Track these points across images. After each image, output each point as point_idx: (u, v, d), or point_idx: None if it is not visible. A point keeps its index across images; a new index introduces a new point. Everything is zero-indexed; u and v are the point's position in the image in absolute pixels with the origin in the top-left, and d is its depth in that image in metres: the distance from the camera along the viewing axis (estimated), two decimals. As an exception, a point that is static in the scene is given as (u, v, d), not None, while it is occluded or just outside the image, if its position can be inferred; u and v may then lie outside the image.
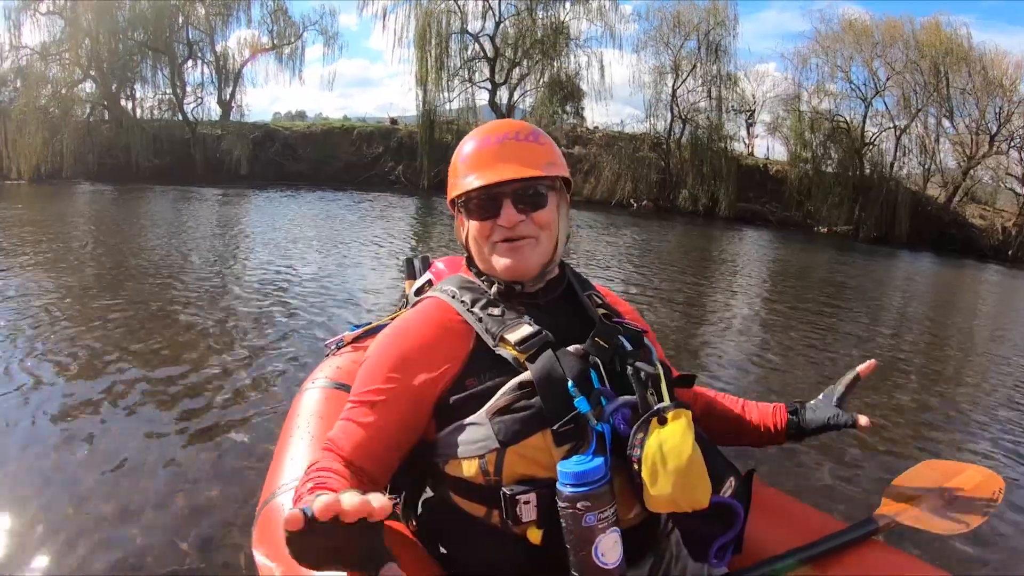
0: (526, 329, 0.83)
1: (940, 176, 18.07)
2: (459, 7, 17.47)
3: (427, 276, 1.46)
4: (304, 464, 1.05)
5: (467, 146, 0.91)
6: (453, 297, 0.91)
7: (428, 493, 0.89)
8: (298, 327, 3.89)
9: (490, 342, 0.84)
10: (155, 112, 18.31)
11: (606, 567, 0.71)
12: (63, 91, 16.89)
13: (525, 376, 0.80)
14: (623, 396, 0.81)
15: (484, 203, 0.87)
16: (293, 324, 3.96)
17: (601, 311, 0.93)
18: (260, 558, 0.90)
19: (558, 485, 0.73)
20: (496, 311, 0.87)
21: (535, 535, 0.76)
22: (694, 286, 6.88)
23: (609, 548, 0.71)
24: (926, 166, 17.93)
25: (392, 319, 1.47)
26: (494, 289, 0.90)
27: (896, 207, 16.40)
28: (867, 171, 17.55)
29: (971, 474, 1.06)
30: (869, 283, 8.98)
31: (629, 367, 0.83)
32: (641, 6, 31.66)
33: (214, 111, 18.94)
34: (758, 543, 0.96)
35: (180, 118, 18.28)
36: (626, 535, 0.75)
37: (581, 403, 0.77)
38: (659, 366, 0.84)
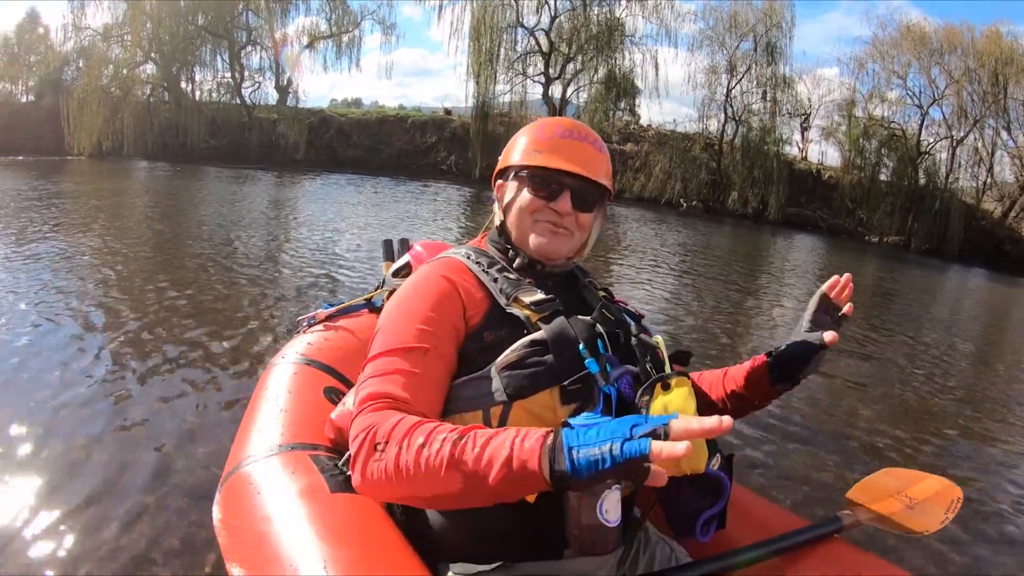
0: (540, 294, 0.88)
1: (996, 189, 17.74)
2: (515, 1, 17.51)
3: (406, 258, 1.47)
4: (271, 437, 1.02)
5: (549, 128, 0.95)
6: (468, 258, 0.94)
7: None
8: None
9: (503, 301, 0.87)
10: (213, 95, 18.68)
11: (608, 523, 0.73)
12: (124, 72, 17.35)
13: (538, 335, 0.83)
14: (627, 364, 0.86)
15: (547, 184, 0.92)
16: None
17: (601, 293, 1.01)
18: (222, 529, 0.89)
19: None
20: (511, 275, 0.92)
21: None
22: (738, 288, 6.73)
23: (612, 505, 0.74)
24: (982, 179, 17.64)
25: (367, 300, 1.51)
26: (517, 261, 0.95)
27: (949, 219, 16.12)
28: (921, 181, 17.23)
29: (931, 483, 1.10)
30: (918, 296, 8.75)
31: (633, 339, 0.90)
32: (699, 5, 30.93)
33: (271, 95, 19.31)
34: (725, 536, 0.98)
35: (237, 101, 18.65)
36: None
37: (591, 364, 0.81)
38: (659, 339, 0.91)
